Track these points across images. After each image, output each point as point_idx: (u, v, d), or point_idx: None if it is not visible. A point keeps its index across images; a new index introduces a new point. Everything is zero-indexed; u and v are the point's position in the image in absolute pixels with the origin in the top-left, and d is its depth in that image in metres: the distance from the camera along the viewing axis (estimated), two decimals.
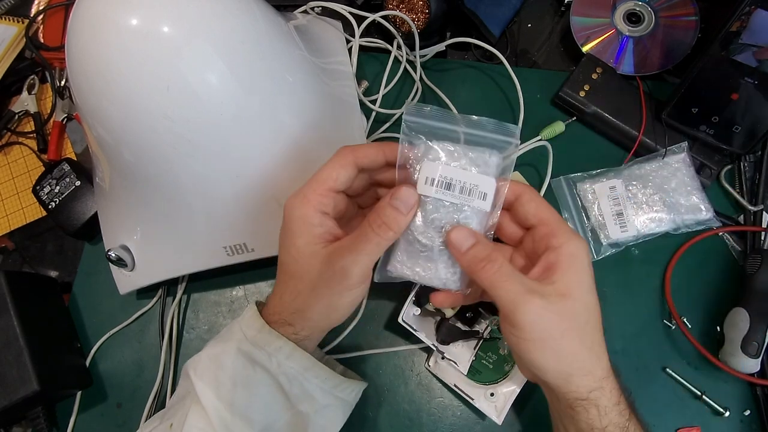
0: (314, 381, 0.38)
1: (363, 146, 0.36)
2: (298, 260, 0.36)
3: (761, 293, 0.46)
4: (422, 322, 0.47)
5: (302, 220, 0.35)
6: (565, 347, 0.33)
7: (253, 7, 0.41)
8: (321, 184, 0.35)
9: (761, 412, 0.46)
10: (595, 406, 0.33)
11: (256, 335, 0.37)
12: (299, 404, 0.38)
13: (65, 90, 0.63)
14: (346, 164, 0.35)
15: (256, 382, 0.37)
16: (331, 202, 0.36)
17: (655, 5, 0.57)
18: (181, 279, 0.54)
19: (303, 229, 0.35)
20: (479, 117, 0.36)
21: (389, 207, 0.34)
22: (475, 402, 0.45)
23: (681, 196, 0.50)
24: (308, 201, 0.35)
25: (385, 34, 0.59)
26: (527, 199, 0.36)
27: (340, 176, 0.35)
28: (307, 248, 0.35)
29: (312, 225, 0.35)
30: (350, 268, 0.34)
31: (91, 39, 0.36)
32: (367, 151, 0.36)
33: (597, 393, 0.33)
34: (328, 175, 0.35)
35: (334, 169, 0.35)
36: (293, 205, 0.36)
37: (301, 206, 0.35)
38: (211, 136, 0.39)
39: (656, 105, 0.53)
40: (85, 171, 0.56)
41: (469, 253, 0.34)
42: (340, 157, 0.36)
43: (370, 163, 0.36)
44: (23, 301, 0.49)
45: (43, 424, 0.49)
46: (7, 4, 0.69)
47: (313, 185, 0.35)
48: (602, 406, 0.33)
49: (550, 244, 0.34)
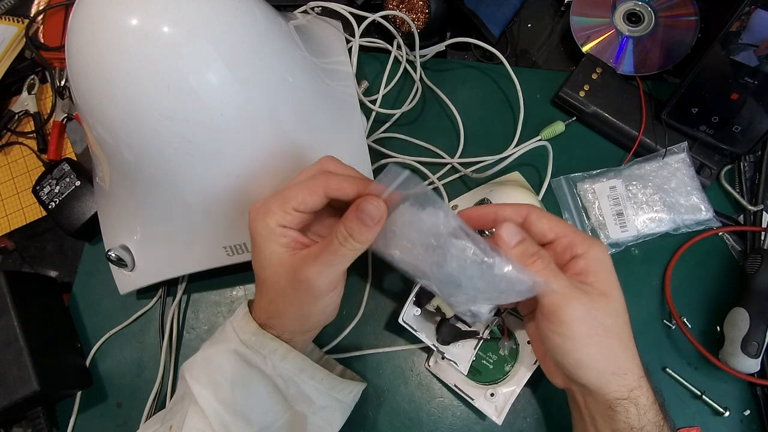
0: (310, 382, 0.38)
1: (339, 178, 0.35)
2: (266, 268, 0.36)
3: (761, 293, 0.46)
4: (422, 322, 0.47)
5: (265, 230, 0.35)
6: (609, 345, 0.33)
7: (253, 7, 0.41)
8: (286, 202, 0.35)
9: (761, 412, 0.46)
10: (634, 405, 0.34)
11: (249, 337, 0.37)
12: (296, 405, 0.38)
13: (65, 90, 0.63)
14: (316, 192, 0.35)
15: (253, 383, 0.37)
16: (294, 219, 0.35)
17: (655, 5, 0.57)
18: (181, 279, 0.54)
19: (267, 238, 0.35)
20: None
21: (355, 219, 0.33)
22: (475, 402, 0.45)
23: (681, 196, 0.50)
24: (271, 214, 0.35)
25: (385, 34, 0.59)
26: (536, 217, 0.36)
27: (307, 201, 0.35)
28: (273, 257, 0.35)
29: (275, 235, 0.35)
30: (315, 278, 0.34)
31: (91, 39, 0.36)
32: (342, 184, 0.35)
33: (637, 392, 0.34)
34: (294, 196, 0.35)
35: (302, 193, 0.35)
36: (256, 216, 0.35)
37: (263, 217, 0.35)
38: (211, 136, 0.39)
39: (656, 105, 0.53)
40: (85, 171, 0.56)
41: (519, 248, 0.34)
42: (312, 183, 0.35)
43: (342, 196, 0.35)
44: (23, 301, 0.49)
45: (43, 424, 0.49)
46: (7, 4, 0.69)
47: (278, 200, 0.35)
48: (641, 404, 0.34)
49: (575, 252, 0.35)
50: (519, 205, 0.36)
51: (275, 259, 0.35)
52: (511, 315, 0.47)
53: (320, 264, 0.34)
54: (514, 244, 0.34)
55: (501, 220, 0.36)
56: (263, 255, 0.36)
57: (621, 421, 0.34)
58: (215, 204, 0.44)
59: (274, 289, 0.36)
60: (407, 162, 0.55)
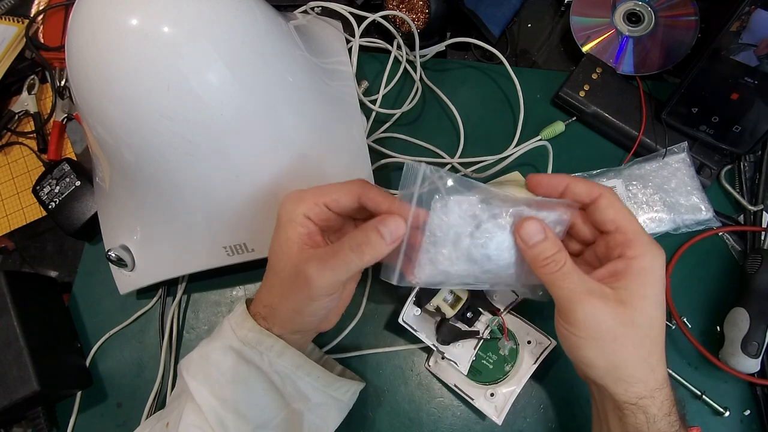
0: (306, 379, 0.38)
1: (376, 190, 0.36)
2: (277, 252, 0.37)
3: (761, 293, 0.46)
4: (422, 322, 0.47)
5: (289, 215, 0.36)
6: (616, 351, 0.33)
7: (253, 7, 0.41)
8: (320, 195, 0.36)
9: (761, 412, 0.46)
10: (643, 412, 0.33)
11: (246, 334, 0.37)
12: (293, 402, 0.38)
13: (65, 90, 0.63)
14: (352, 194, 0.36)
15: (250, 379, 0.37)
16: (321, 213, 0.36)
17: (655, 5, 0.57)
18: (181, 279, 0.54)
19: (287, 224, 0.36)
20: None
21: (374, 231, 0.34)
22: (475, 402, 0.45)
23: (681, 196, 0.50)
24: (302, 202, 0.36)
25: (385, 34, 0.59)
26: (606, 204, 0.34)
27: (340, 200, 0.36)
28: (286, 244, 0.36)
29: (295, 223, 0.35)
30: (314, 278, 0.34)
31: (91, 39, 0.36)
32: (378, 197, 0.36)
33: (647, 401, 0.33)
34: (330, 192, 0.36)
35: (339, 191, 0.36)
36: (287, 200, 0.36)
37: (292, 203, 0.36)
38: (211, 136, 0.39)
39: (656, 105, 0.53)
40: (85, 171, 0.56)
41: (536, 249, 0.34)
42: (351, 186, 0.36)
43: (373, 207, 0.36)
44: (23, 301, 0.49)
45: (43, 424, 0.49)
46: (7, 4, 0.69)
47: (314, 192, 0.36)
48: (651, 414, 0.33)
49: (624, 253, 0.34)
50: (594, 185, 0.35)
51: (286, 247, 0.36)
52: (511, 314, 0.47)
53: (323, 265, 0.34)
54: (532, 245, 0.34)
55: (570, 194, 0.36)
56: (279, 239, 0.36)
57: (629, 424, 0.34)
58: (215, 204, 0.44)
59: (278, 277, 0.37)
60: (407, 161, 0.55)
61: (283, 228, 0.36)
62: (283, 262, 0.36)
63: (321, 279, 0.34)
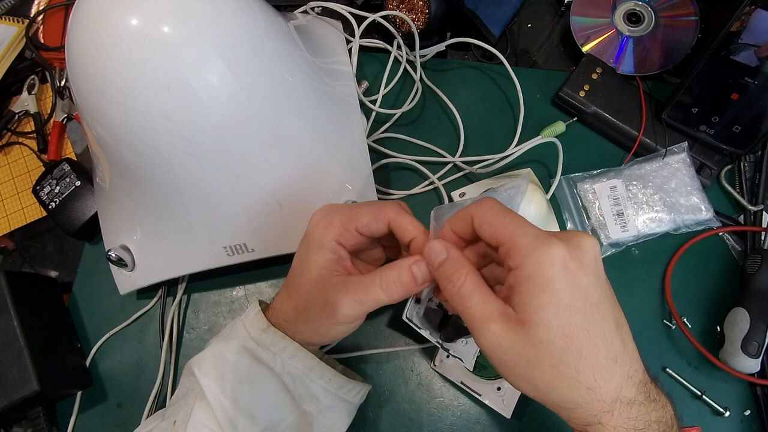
0: (318, 381, 0.38)
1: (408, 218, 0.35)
2: (303, 275, 0.37)
3: (761, 293, 0.46)
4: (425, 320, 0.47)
5: (320, 240, 0.36)
6: (536, 376, 0.28)
7: (253, 7, 0.41)
8: (351, 220, 0.35)
9: (761, 412, 0.46)
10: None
11: (260, 335, 0.37)
12: (303, 404, 0.38)
13: (65, 90, 0.63)
14: (382, 220, 0.35)
15: (261, 380, 0.37)
16: (351, 239, 0.36)
17: (655, 5, 0.57)
18: (181, 279, 0.54)
19: (317, 249, 0.36)
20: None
21: (408, 271, 0.33)
22: (483, 398, 0.45)
23: (681, 196, 0.50)
24: (332, 227, 0.35)
25: (385, 34, 0.59)
26: (479, 222, 0.31)
27: (371, 226, 0.35)
28: (314, 269, 0.36)
29: (326, 249, 0.35)
30: (342, 308, 0.34)
31: (91, 39, 0.36)
32: (408, 226, 0.35)
33: (597, 428, 0.28)
34: (360, 216, 0.35)
35: (368, 216, 0.35)
36: (317, 224, 0.36)
37: (323, 228, 0.36)
38: (211, 136, 0.39)
39: (656, 105, 0.53)
40: (85, 171, 0.56)
41: (440, 270, 0.32)
42: (381, 210, 0.35)
43: (402, 234, 0.35)
44: (23, 301, 0.49)
45: (43, 424, 0.49)
46: (7, 4, 0.68)
47: (344, 216, 0.35)
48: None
49: (508, 265, 0.29)
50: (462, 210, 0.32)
51: (315, 272, 0.36)
52: None
53: (351, 297, 0.34)
54: (437, 266, 0.32)
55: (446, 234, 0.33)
56: (307, 262, 0.36)
57: None
58: (215, 204, 0.44)
59: (301, 298, 0.37)
60: (407, 161, 0.55)
61: (312, 253, 0.36)
62: (309, 285, 0.36)
63: (349, 310, 0.34)
